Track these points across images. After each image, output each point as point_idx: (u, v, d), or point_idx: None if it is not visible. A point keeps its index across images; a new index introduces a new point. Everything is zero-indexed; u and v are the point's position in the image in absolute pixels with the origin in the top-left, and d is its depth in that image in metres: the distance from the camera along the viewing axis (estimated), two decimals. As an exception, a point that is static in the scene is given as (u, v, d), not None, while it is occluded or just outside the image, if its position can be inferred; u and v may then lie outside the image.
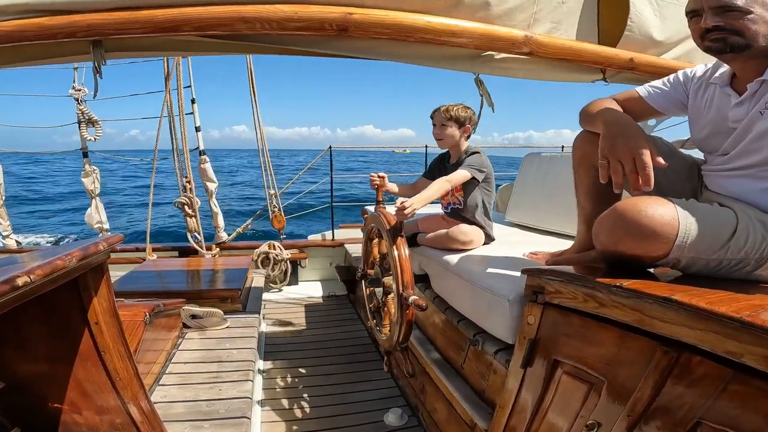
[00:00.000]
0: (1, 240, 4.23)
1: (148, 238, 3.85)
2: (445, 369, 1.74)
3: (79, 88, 3.72)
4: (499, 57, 1.77)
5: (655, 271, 1.03)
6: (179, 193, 3.93)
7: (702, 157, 1.22)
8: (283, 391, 2.31)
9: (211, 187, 4.13)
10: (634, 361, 0.86)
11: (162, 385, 1.87)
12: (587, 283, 0.97)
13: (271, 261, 3.89)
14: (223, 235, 4.23)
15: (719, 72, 1.12)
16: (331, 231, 4.31)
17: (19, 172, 26.83)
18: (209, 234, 4.21)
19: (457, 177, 1.84)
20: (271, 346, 2.83)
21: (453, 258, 1.77)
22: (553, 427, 1.07)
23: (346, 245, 4.03)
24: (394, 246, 1.64)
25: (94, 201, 4.06)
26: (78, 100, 3.72)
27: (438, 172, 2.02)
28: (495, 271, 1.53)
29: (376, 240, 1.98)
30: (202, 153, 4.06)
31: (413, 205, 1.62)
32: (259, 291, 3.24)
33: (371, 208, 2.25)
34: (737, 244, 0.92)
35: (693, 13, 1.03)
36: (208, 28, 1.43)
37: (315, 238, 4.42)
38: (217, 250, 4.05)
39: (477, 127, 2.01)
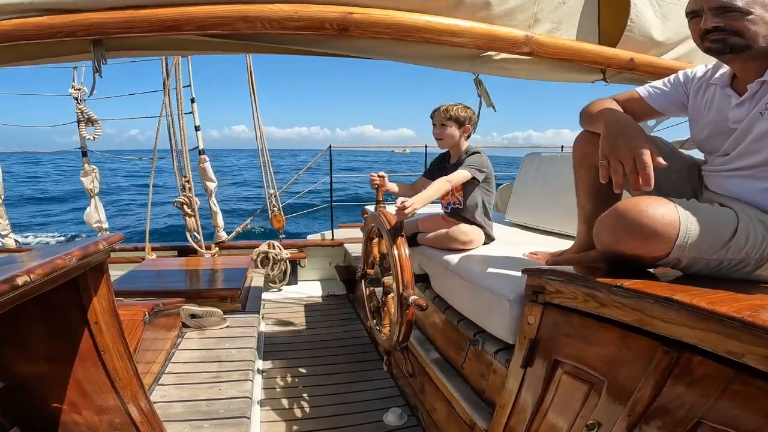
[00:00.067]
0: (1, 239, 4.22)
1: (147, 237, 3.85)
2: (445, 369, 1.74)
3: (79, 87, 3.71)
4: (500, 57, 1.77)
5: (655, 271, 1.03)
6: (178, 193, 3.93)
7: (702, 157, 1.22)
8: (283, 391, 2.31)
9: (211, 186, 4.13)
10: (635, 361, 0.86)
11: (161, 384, 1.87)
12: (588, 283, 0.97)
13: (271, 260, 3.89)
14: (222, 235, 4.22)
15: (719, 73, 1.12)
16: (331, 231, 4.31)
17: (22, 172, 26.83)
18: (209, 233, 4.20)
19: (458, 177, 1.84)
20: (270, 346, 2.83)
21: (453, 258, 1.77)
22: (553, 427, 1.07)
23: (346, 245, 4.03)
24: (394, 246, 1.64)
25: (93, 200, 4.06)
26: (77, 100, 3.72)
27: (438, 172, 2.02)
28: (495, 271, 1.53)
29: (376, 239, 1.97)
30: (201, 152, 4.06)
31: (413, 205, 1.62)
32: (258, 290, 3.23)
33: (371, 208, 2.25)
34: (738, 244, 0.92)
35: (693, 13, 1.03)
36: (209, 27, 1.43)
37: (314, 237, 4.42)
38: (217, 249, 4.05)
39: (477, 127, 2.01)
